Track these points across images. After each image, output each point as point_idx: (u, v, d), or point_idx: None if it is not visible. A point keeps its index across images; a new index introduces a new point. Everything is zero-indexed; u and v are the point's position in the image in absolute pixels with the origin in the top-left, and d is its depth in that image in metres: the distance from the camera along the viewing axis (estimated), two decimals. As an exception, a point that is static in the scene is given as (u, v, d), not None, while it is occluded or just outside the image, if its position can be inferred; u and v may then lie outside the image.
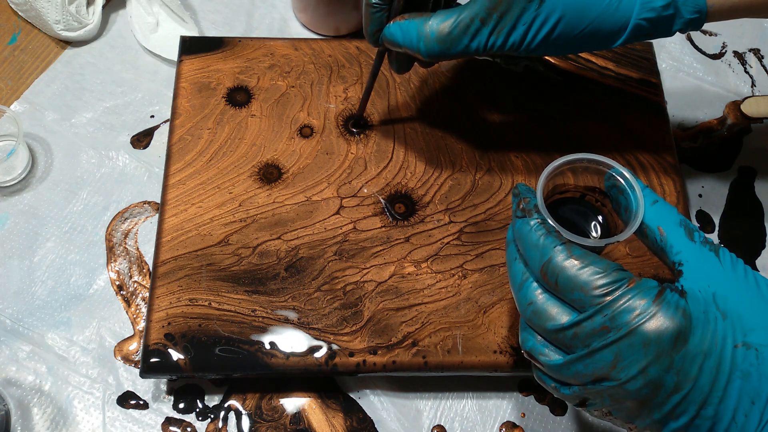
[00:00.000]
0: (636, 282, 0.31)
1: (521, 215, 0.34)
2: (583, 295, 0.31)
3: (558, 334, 0.32)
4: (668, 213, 0.34)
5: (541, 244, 0.33)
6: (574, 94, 0.54)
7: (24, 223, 0.52)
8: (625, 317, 0.30)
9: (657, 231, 0.34)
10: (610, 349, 0.30)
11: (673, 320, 0.29)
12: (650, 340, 0.29)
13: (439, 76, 0.54)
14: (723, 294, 0.31)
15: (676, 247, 0.33)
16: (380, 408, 0.47)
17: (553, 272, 0.32)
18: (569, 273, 0.31)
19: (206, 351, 0.43)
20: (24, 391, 0.46)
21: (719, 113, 0.59)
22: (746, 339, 0.30)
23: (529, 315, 0.33)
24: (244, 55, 0.55)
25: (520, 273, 0.34)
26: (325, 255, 0.47)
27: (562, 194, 0.38)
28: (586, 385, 0.32)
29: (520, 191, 0.36)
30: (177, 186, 0.49)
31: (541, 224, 0.33)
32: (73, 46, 0.59)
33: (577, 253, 0.32)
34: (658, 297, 0.30)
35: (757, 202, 0.55)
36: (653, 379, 0.30)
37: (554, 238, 0.33)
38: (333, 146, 0.51)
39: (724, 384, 0.29)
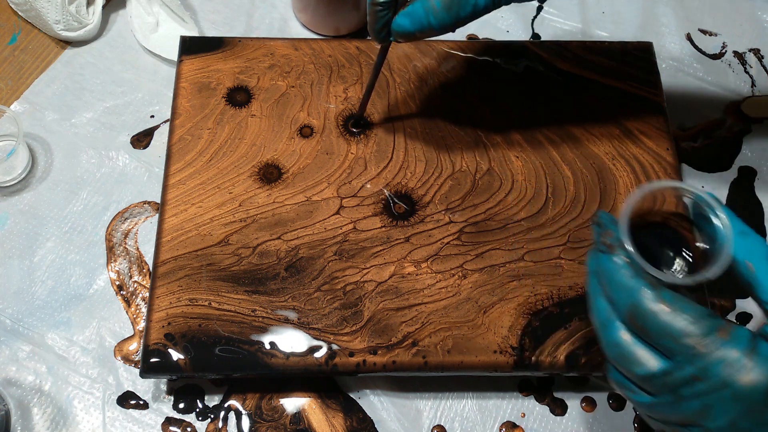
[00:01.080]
0: (728, 332, 0.29)
1: (606, 250, 0.33)
2: (673, 344, 0.30)
3: (645, 380, 0.31)
4: (757, 246, 0.32)
5: (628, 286, 0.31)
6: (574, 94, 0.54)
7: (24, 223, 0.52)
8: (717, 369, 0.29)
9: (745, 265, 0.32)
10: (699, 400, 0.29)
11: (766, 375, 0.28)
12: (742, 394, 0.29)
13: (439, 76, 0.54)
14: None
15: (766, 284, 0.32)
16: (380, 408, 0.47)
17: (642, 317, 0.30)
18: (659, 319, 0.30)
19: (206, 351, 0.43)
20: (24, 391, 0.46)
21: (719, 113, 0.59)
22: None
23: (615, 357, 0.32)
24: (244, 55, 0.55)
25: (605, 311, 0.33)
26: (325, 255, 0.47)
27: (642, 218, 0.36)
28: (671, 425, 0.31)
29: (603, 222, 0.34)
30: (177, 186, 0.49)
31: (627, 263, 0.32)
32: (73, 46, 0.59)
33: (667, 298, 0.30)
34: (752, 350, 0.29)
35: (757, 202, 0.55)
36: (742, 430, 0.29)
37: (642, 279, 0.31)
38: (333, 146, 0.51)
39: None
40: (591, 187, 0.50)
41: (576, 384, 0.48)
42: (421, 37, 0.41)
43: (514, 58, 0.55)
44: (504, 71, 0.55)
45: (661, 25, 0.63)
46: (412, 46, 0.55)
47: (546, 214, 0.49)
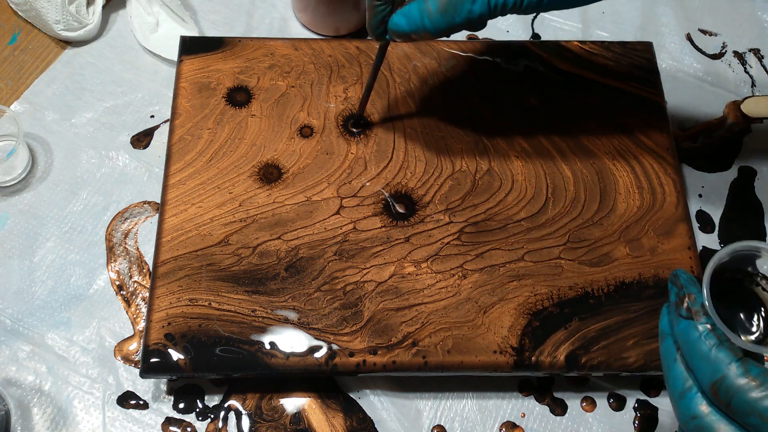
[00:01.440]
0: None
1: (687, 315, 0.31)
2: (761, 423, 0.28)
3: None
4: None
5: (713, 357, 0.29)
6: (574, 94, 0.54)
7: (24, 223, 0.52)
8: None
9: None
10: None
11: None
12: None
13: (439, 76, 0.54)
14: None
15: None
16: (380, 408, 0.47)
17: (727, 392, 0.29)
18: (747, 397, 0.28)
19: (206, 351, 0.43)
20: (24, 391, 0.46)
21: (719, 113, 0.59)
22: None
23: (693, 429, 0.30)
24: (244, 55, 0.55)
25: (682, 380, 0.31)
26: (325, 255, 0.47)
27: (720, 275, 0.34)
28: None
29: (682, 283, 0.32)
30: (177, 186, 0.49)
31: (711, 332, 0.30)
32: (73, 46, 0.59)
33: (755, 372, 0.29)
34: None
35: (757, 202, 0.55)
36: None
37: (728, 351, 0.29)
38: (333, 146, 0.51)
39: None
40: (591, 187, 0.50)
41: (576, 384, 0.48)
42: (417, 38, 0.41)
43: (514, 58, 0.55)
44: (504, 71, 0.55)
45: (661, 25, 0.63)
46: (412, 46, 0.55)
47: (546, 214, 0.49)
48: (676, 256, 0.48)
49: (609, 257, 0.48)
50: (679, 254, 0.48)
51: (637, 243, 0.48)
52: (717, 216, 0.54)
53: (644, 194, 0.50)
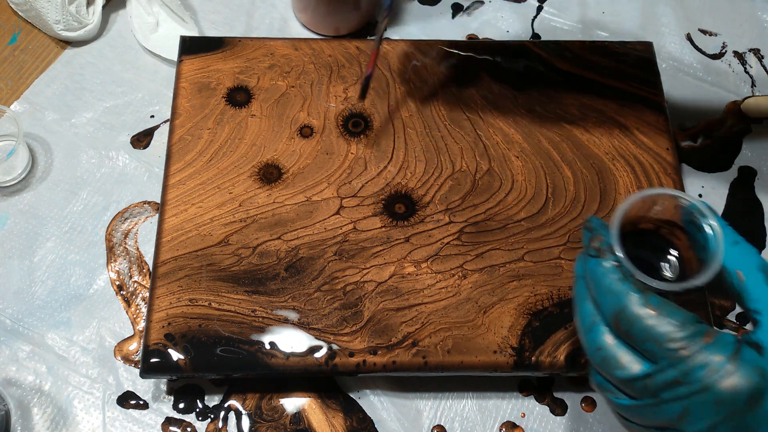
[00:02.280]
0: (713, 337, 0.29)
1: (595, 254, 0.33)
2: (657, 348, 0.30)
3: (627, 383, 0.31)
4: (749, 256, 0.32)
5: (615, 290, 0.31)
6: (574, 94, 0.54)
7: (24, 223, 0.52)
8: (699, 373, 0.29)
9: (735, 275, 0.32)
10: (679, 403, 0.29)
11: (749, 380, 0.28)
12: (724, 399, 0.28)
13: (439, 75, 0.54)
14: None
15: (755, 293, 0.31)
16: (380, 408, 0.47)
17: (628, 321, 0.31)
18: (645, 324, 0.30)
19: (206, 351, 0.43)
20: (24, 391, 0.46)
21: (719, 113, 0.59)
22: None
23: (598, 361, 0.32)
24: (244, 55, 0.55)
25: (590, 315, 0.33)
26: (325, 255, 0.47)
27: (634, 224, 0.36)
28: (650, 429, 0.31)
29: (593, 226, 0.34)
30: (177, 186, 0.49)
31: (616, 267, 0.32)
32: (73, 46, 0.59)
33: (654, 302, 0.30)
34: (735, 354, 0.29)
35: (757, 202, 0.55)
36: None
37: (630, 284, 0.31)
38: (333, 146, 0.51)
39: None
40: (591, 187, 0.50)
41: (576, 384, 0.48)
42: None
43: (514, 58, 0.55)
44: (504, 71, 0.55)
45: (661, 25, 0.63)
46: (412, 46, 0.55)
47: (546, 214, 0.49)
48: (676, 256, 0.48)
49: None
50: None
51: None
52: (717, 216, 0.54)
53: (644, 194, 0.50)
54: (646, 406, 0.30)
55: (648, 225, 0.36)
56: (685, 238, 0.35)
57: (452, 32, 0.62)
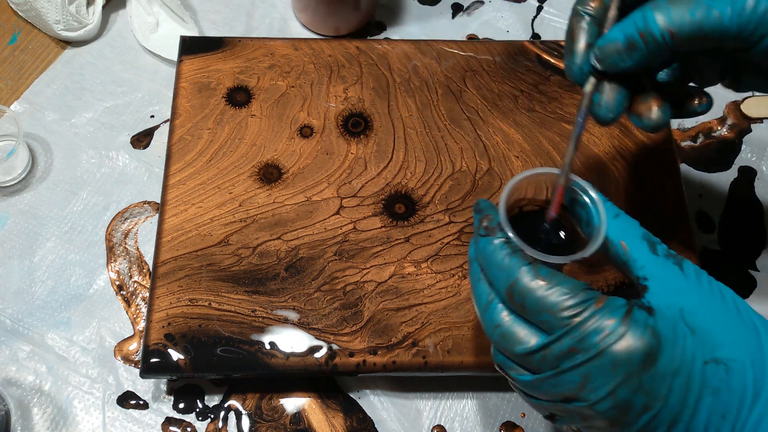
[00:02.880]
0: (604, 301, 0.30)
1: (484, 233, 0.33)
2: (551, 317, 0.30)
3: (526, 357, 0.31)
4: (630, 227, 0.33)
5: (506, 265, 0.31)
6: (574, 94, 0.54)
7: (24, 223, 0.52)
8: (594, 339, 0.29)
9: (620, 245, 0.33)
10: (578, 371, 0.29)
11: (642, 340, 0.29)
12: (619, 361, 0.29)
13: (439, 75, 0.54)
14: (690, 309, 0.30)
15: (640, 261, 0.32)
16: (380, 408, 0.47)
17: (520, 294, 0.31)
18: (536, 295, 0.30)
19: (206, 351, 0.43)
20: (24, 391, 0.46)
21: (719, 113, 0.59)
22: (715, 354, 0.29)
23: (497, 338, 0.32)
24: (244, 55, 0.55)
25: (485, 294, 0.33)
26: (325, 255, 0.47)
27: (521, 209, 0.37)
28: (555, 403, 0.31)
29: (482, 207, 0.34)
30: (177, 186, 0.49)
31: (505, 243, 0.32)
32: (73, 46, 0.59)
33: (543, 273, 0.31)
34: (626, 316, 0.29)
35: (757, 202, 0.55)
36: (622, 400, 0.29)
37: (519, 258, 0.31)
38: (333, 146, 0.51)
39: (694, 402, 0.29)
40: (591, 187, 0.50)
41: (576, 384, 0.48)
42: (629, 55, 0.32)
43: (514, 57, 0.55)
44: (504, 71, 0.55)
45: (661, 25, 0.63)
46: (412, 46, 0.55)
47: (546, 214, 0.49)
48: (676, 256, 0.48)
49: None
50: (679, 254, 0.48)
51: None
52: (717, 216, 0.55)
53: (644, 194, 0.50)
54: (548, 378, 0.31)
55: (534, 207, 0.37)
56: (570, 217, 0.36)
57: (452, 32, 0.62)
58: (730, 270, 0.52)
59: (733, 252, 0.53)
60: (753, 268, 0.53)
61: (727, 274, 0.52)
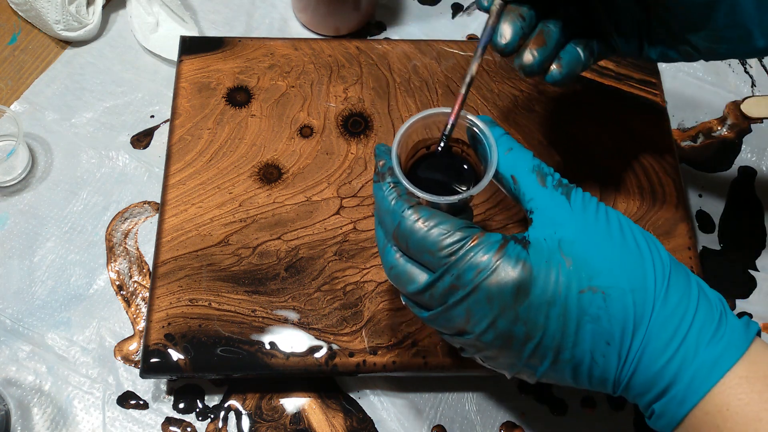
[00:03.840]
0: (479, 238, 0.31)
1: (377, 179, 0.34)
2: (431, 257, 0.31)
3: (417, 295, 0.32)
4: (522, 159, 0.33)
5: (391, 209, 0.32)
6: (574, 94, 0.54)
7: (24, 223, 0.52)
8: (469, 275, 0.30)
9: (510, 180, 0.33)
10: (461, 306, 0.31)
11: (513, 273, 0.30)
12: (492, 295, 0.30)
13: (439, 75, 0.54)
14: (569, 239, 0.31)
15: (528, 194, 0.33)
16: (380, 408, 0.47)
17: (403, 236, 0.32)
18: (417, 236, 0.31)
19: (206, 351, 0.43)
20: (24, 391, 0.46)
21: (719, 113, 0.59)
22: (592, 283, 0.30)
23: (392, 279, 0.33)
24: (244, 55, 0.55)
25: (381, 238, 0.34)
26: (325, 255, 0.47)
27: (428, 149, 0.37)
28: (453, 336, 0.33)
29: (378, 153, 0.35)
30: (177, 186, 0.49)
31: (393, 188, 0.33)
32: (73, 46, 0.59)
33: (424, 215, 0.31)
34: (498, 251, 0.30)
35: (757, 202, 0.55)
36: (503, 331, 0.30)
37: (403, 201, 0.32)
38: (333, 146, 0.51)
39: (574, 329, 0.30)
40: (591, 187, 0.50)
41: (576, 384, 0.48)
42: None
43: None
44: (504, 71, 0.55)
45: (661, 25, 0.63)
46: (412, 46, 0.55)
47: (546, 214, 0.49)
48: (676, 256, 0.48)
49: None
50: (679, 254, 0.48)
51: None
52: (717, 216, 0.55)
53: (644, 194, 0.50)
54: (439, 314, 0.32)
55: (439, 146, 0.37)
56: (473, 153, 0.36)
57: (452, 32, 0.62)
58: (730, 270, 0.52)
59: (733, 252, 0.53)
60: (753, 268, 0.53)
61: (727, 274, 0.52)
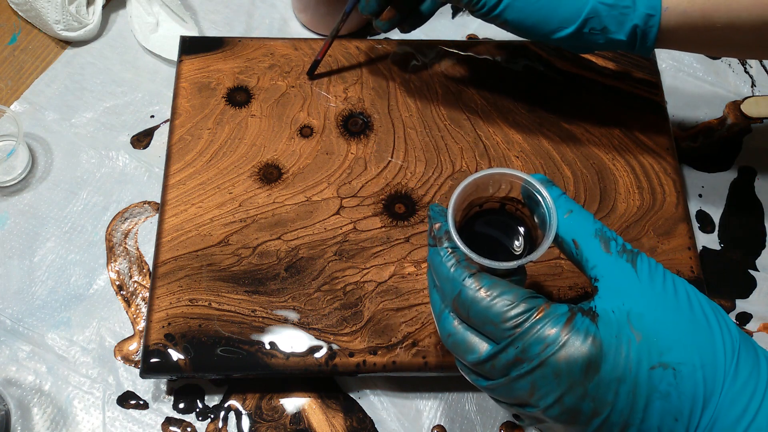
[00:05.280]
0: (545, 311, 0.30)
1: (433, 243, 0.33)
2: (494, 329, 0.30)
3: (477, 365, 0.31)
4: (583, 223, 0.32)
5: (451, 276, 0.32)
6: (574, 94, 0.54)
7: (24, 223, 0.52)
8: (536, 349, 0.29)
9: (572, 244, 0.32)
10: (525, 380, 0.30)
11: (582, 349, 0.29)
12: (561, 371, 0.29)
13: (439, 75, 0.54)
14: (638, 312, 0.30)
15: (592, 260, 0.32)
16: (380, 408, 0.47)
17: (464, 306, 0.31)
18: (479, 307, 0.30)
19: (206, 351, 0.43)
20: (24, 391, 0.46)
21: (719, 113, 0.59)
22: (662, 359, 0.29)
23: (450, 346, 0.33)
24: (244, 55, 0.55)
25: (438, 304, 0.33)
26: (325, 255, 0.47)
27: (481, 207, 0.36)
28: (513, 406, 0.32)
29: (432, 215, 0.34)
30: (177, 186, 0.49)
31: (451, 254, 0.32)
32: (73, 46, 0.59)
33: (486, 284, 0.31)
34: (567, 325, 0.29)
35: (757, 202, 0.55)
36: (570, 407, 0.29)
37: (463, 269, 0.31)
38: (333, 146, 0.51)
39: (643, 406, 0.29)
40: (591, 187, 0.50)
41: (576, 384, 0.48)
42: None
43: (514, 57, 0.55)
44: (504, 71, 0.55)
45: (661, 25, 0.63)
46: (412, 46, 0.55)
47: (546, 214, 0.49)
48: (676, 256, 0.48)
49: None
50: (679, 254, 0.48)
51: (638, 243, 0.48)
52: (717, 216, 0.54)
53: (644, 194, 0.50)
54: (500, 385, 0.31)
55: (494, 204, 0.36)
56: (529, 213, 0.35)
57: (452, 32, 0.62)
58: (730, 270, 0.52)
59: (733, 252, 0.53)
60: (753, 268, 0.53)
61: (727, 274, 0.52)
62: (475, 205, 0.36)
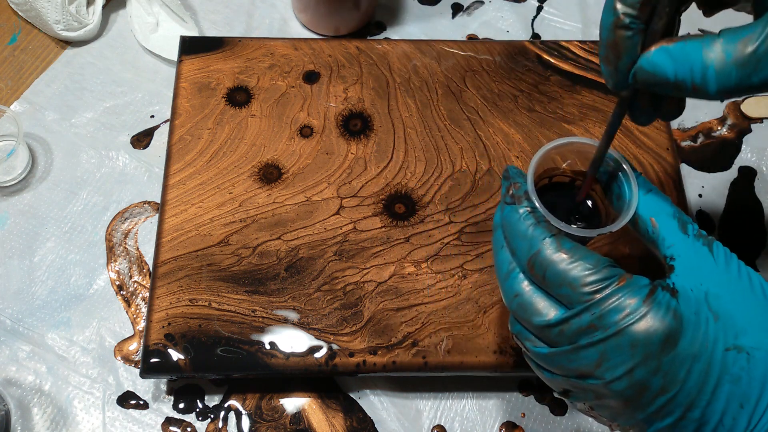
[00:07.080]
0: (627, 280, 0.29)
1: (510, 201, 0.33)
2: (571, 292, 0.29)
3: (544, 329, 0.31)
4: (662, 203, 0.32)
5: (529, 235, 0.31)
6: (574, 94, 0.54)
7: (24, 223, 0.52)
8: (614, 317, 0.29)
9: (649, 222, 0.32)
10: (595, 348, 0.29)
11: (663, 322, 0.28)
12: (638, 341, 0.28)
13: (439, 75, 0.54)
14: (715, 293, 0.30)
15: (669, 240, 0.32)
16: (380, 408, 0.47)
17: (541, 266, 0.30)
18: (558, 268, 0.30)
19: (206, 351, 0.43)
20: (24, 391, 0.46)
21: (719, 113, 0.59)
22: (737, 342, 0.29)
23: (515, 307, 0.32)
24: (244, 55, 0.55)
25: (507, 262, 0.33)
26: (325, 255, 0.47)
27: (551, 179, 0.36)
28: (569, 378, 0.31)
29: (510, 175, 0.34)
30: (177, 186, 0.49)
31: (530, 213, 0.32)
32: (73, 46, 0.59)
33: (567, 246, 0.30)
34: (648, 297, 0.29)
35: (757, 202, 0.55)
36: (639, 380, 0.29)
37: (544, 228, 0.31)
38: (333, 146, 0.51)
39: (713, 388, 0.28)
40: (591, 187, 0.50)
41: (576, 384, 0.48)
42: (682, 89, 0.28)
43: (514, 57, 0.55)
44: (504, 71, 0.55)
45: (661, 25, 0.63)
46: (412, 46, 0.55)
47: (546, 214, 0.49)
48: (676, 256, 0.48)
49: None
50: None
51: (638, 243, 0.48)
52: (717, 216, 0.54)
53: (644, 194, 0.50)
54: (564, 353, 0.30)
55: (563, 178, 0.37)
56: (600, 188, 0.36)
57: (452, 32, 0.62)
58: (730, 270, 0.52)
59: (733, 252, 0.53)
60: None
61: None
62: (546, 176, 0.36)
